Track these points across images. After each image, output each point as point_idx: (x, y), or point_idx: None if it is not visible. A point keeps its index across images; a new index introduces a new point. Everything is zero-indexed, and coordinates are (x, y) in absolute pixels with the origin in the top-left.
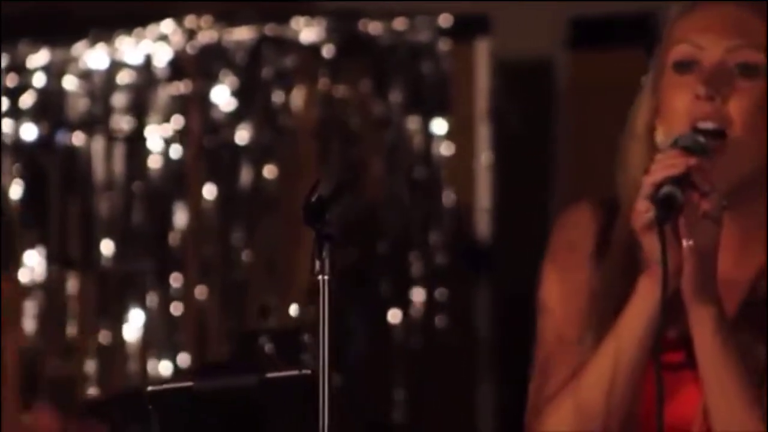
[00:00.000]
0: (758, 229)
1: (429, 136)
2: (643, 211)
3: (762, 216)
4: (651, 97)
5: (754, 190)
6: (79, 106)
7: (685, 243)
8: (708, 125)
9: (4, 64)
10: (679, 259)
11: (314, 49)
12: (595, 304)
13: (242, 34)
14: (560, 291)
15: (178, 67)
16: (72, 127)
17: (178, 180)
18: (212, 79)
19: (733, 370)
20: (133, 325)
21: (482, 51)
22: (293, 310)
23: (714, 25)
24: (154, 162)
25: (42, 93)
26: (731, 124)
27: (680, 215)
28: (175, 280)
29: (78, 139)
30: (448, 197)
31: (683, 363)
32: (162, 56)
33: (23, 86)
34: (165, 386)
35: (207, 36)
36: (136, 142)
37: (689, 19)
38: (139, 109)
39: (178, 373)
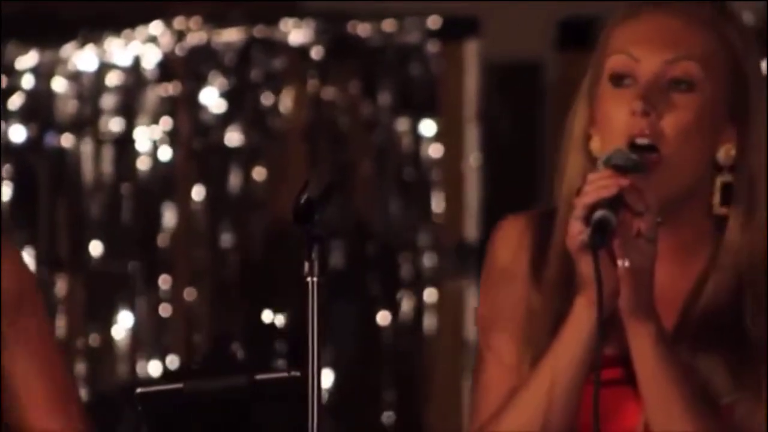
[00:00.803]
0: (694, 242)
1: (418, 138)
2: (576, 233)
3: (698, 229)
4: (586, 104)
5: (690, 204)
6: (68, 107)
7: (620, 263)
8: (642, 141)
9: None
10: (615, 279)
11: (303, 50)
12: (533, 322)
13: (231, 35)
14: (497, 311)
15: (167, 69)
16: (61, 129)
17: (167, 181)
18: (201, 81)
19: (673, 386)
20: (122, 326)
21: (471, 52)
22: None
23: (652, 37)
24: (142, 163)
25: (31, 94)
26: (666, 140)
27: (614, 237)
28: (164, 281)
29: (67, 140)
30: (437, 198)
31: (621, 379)
32: (151, 58)
33: (12, 88)
34: (154, 388)
35: (196, 37)
36: (125, 144)
37: (627, 29)
38: (128, 111)
39: (168, 374)
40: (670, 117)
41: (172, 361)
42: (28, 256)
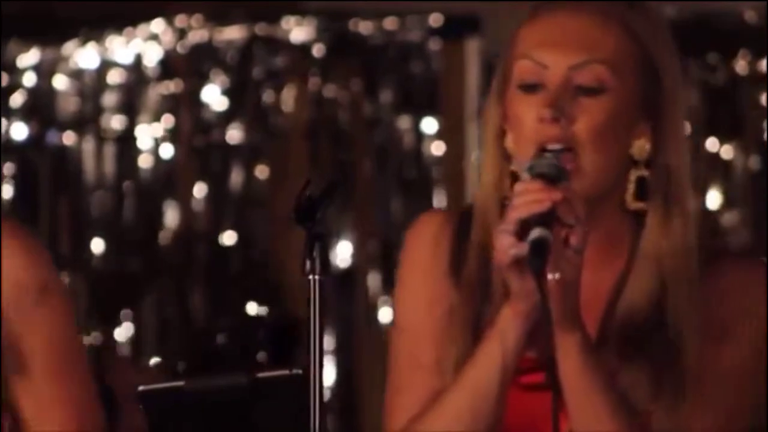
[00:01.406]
0: (613, 240)
1: (419, 136)
2: (506, 247)
3: (616, 226)
4: (498, 102)
5: (606, 201)
6: (70, 105)
7: (550, 276)
8: (554, 147)
9: None
10: (536, 294)
11: (305, 48)
12: (452, 320)
13: (233, 33)
14: (413, 310)
15: (168, 67)
16: (62, 127)
17: (169, 179)
18: (203, 79)
19: (598, 395)
20: (124, 323)
21: (473, 50)
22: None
23: (557, 40)
24: (144, 161)
25: (32, 92)
26: (579, 144)
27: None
28: (166, 278)
29: (68, 138)
30: (439, 196)
31: (544, 384)
32: (152, 56)
33: (13, 86)
34: (156, 386)
35: (197, 35)
36: (126, 142)
37: (532, 31)
38: (130, 109)
39: (169, 372)
40: (581, 121)
41: (174, 359)
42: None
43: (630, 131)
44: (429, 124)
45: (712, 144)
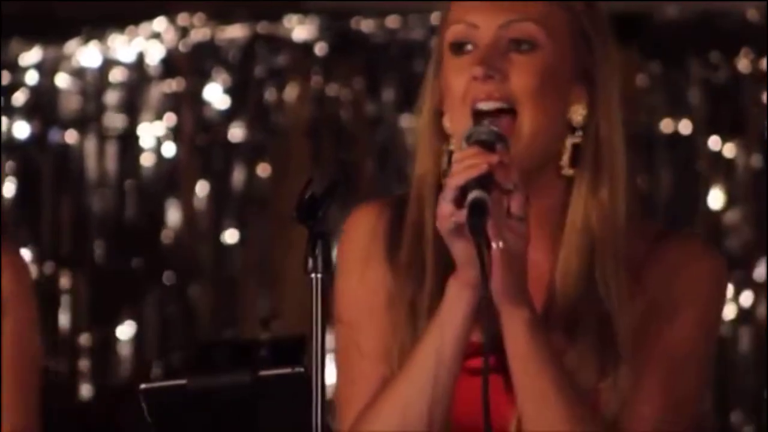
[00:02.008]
0: (553, 209)
1: None
2: (447, 214)
3: (555, 194)
4: (433, 82)
5: (545, 169)
6: (72, 104)
7: (494, 246)
8: (487, 106)
9: None
10: (486, 262)
11: (307, 47)
12: (392, 307)
13: (235, 32)
14: (354, 302)
15: (170, 65)
16: (64, 125)
17: (171, 178)
18: (205, 77)
19: (546, 373)
20: (126, 322)
21: None
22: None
23: (487, 3)
24: (146, 160)
25: (34, 91)
26: (516, 100)
27: (489, 218)
28: (167, 277)
29: (70, 136)
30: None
31: (493, 367)
32: (154, 54)
33: (16, 84)
34: (158, 384)
35: (200, 34)
36: (128, 140)
37: (461, 1)
38: (132, 107)
39: (171, 370)
40: (515, 78)
41: (176, 357)
42: (31, 253)
43: (566, 94)
44: None
45: (714, 142)
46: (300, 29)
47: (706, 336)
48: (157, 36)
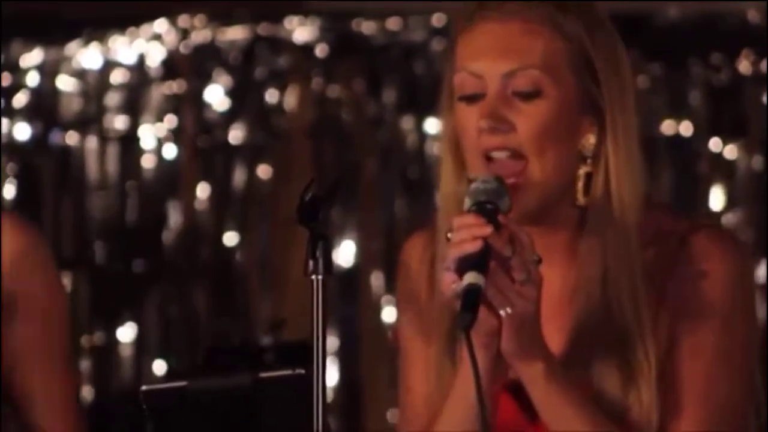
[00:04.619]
0: (572, 239)
1: (423, 136)
2: (449, 282)
3: (572, 224)
4: (448, 115)
5: (561, 201)
6: (73, 105)
7: (502, 312)
8: (500, 154)
9: None
10: (497, 323)
11: (308, 48)
12: (430, 344)
13: (236, 33)
14: (404, 336)
15: (171, 67)
16: (65, 127)
17: (172, 180)
18: (206, 79)
19: (575, 414)
20: (127, 324)
21: None
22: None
23: (488, 49)
24: (147, 162)
25: (35, 92)
26: (525, 150)
27: (487, 290)
28: (169, 279)
29: (71, 138)
30: None
31: (507, 387)
32: (155, 56)
33: (16, 86)
34: (159, 386)
35: (200, 35)
36: (129, 142)
37: (465, 43)
38: (133, 109)
39: (172, 372)
40: (522, 127)
41: (177, 360)
42: None
43: (576, 130)
44: (432, 125)
45: (715, 144)
46: (301, 31)
47: (740, 342)
48: (157, 38)
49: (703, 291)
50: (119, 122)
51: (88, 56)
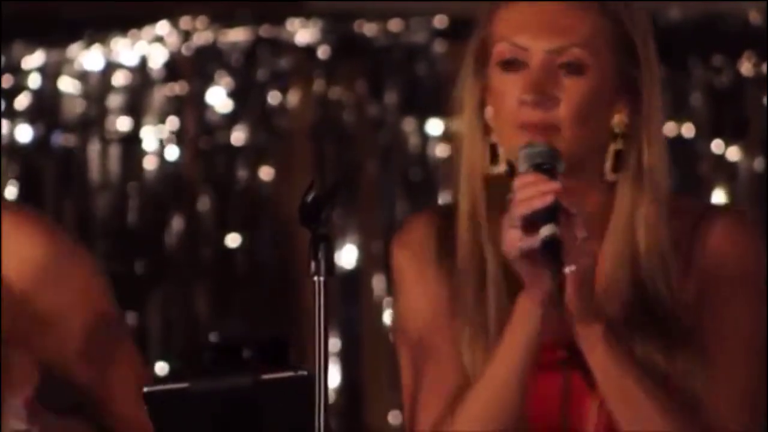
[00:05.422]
0: (597, 216)
1: (424, 137)
2: (514, 241)
3: (601, 205)
4: (476, 78)
5: (590, 181)
6: (75, 107)
7: (567, 269)
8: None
9: None
10: (551, 282)
11: (309, 50)
12: (454, 311)
13: (237, 35)
14: (418, 312)
15: (173, 69)
16: (67, 129)
17: (174, 181)
18: (207, 81)
19: (632, 378)
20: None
21: None
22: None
23: (535, 25)
24: (149, 163)
25: (37, 94)
26: (562, 123)
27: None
28: (170, 281)
29: (73, 140)
30: (444, 198)
31: (565, 361)
32: (157, 58)
33: (18, 88)
34: (160, 387)
35: (202, 37)
36: (131, 144)
37: (509, 15)
38: (135, 111)
39: (174, 374)
40: (565, 102)
41: (179, 361)
42: None
43: (610, 107)
44: (434, 126)
45: (716, 146)
46: (303, 32)
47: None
48: (159, 39)
49: (727, 266)
50: (121, 124)
51: (89, 58)
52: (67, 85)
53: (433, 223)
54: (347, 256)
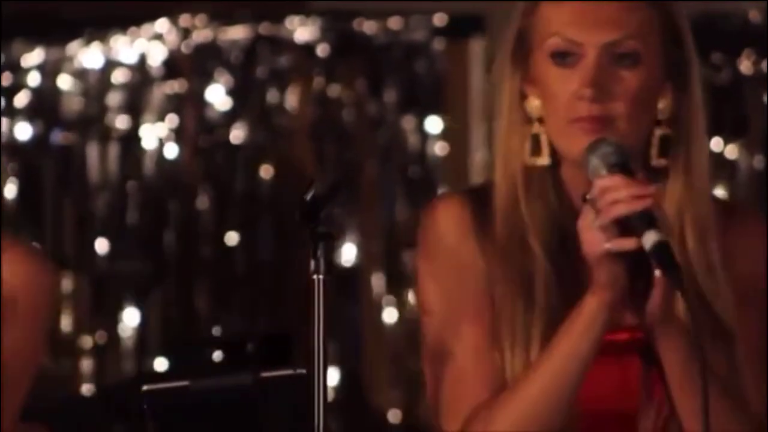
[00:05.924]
0: None
1: (424, 135)
2: (599, 240)
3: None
4: (516, 67)
5: (636, 166)
6: (74, 105)
7: (657, 273)
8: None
9: None
10: (623, 281)
11: (309, 48)
12: (494, 303)
13: (237, 33)
14: (456, 298)
15: (172, 67)
16: (67, 127)
17: (173, 179)
18: (207, 79)
19: (709, 393)
20: (128, 324)
21: (477, 50)
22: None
23: (589, 19)
24: (148, 161)
25: (37, 92)
26: (619, 119)
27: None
28: (170, 279)
29: (72, 138)
30: None
31: (629, 343)
32: (157, 55)
33: (18, 85)
34: (161, 385)
35: (202, 35)
36: (130, 142)
37: (557, 10)
38: (134, 109)
39: (173, 372)
40: (620, 96)
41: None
42: None
43: (658, 94)
44: (433, 124)
45: (716, 144)
46: (302, 30)
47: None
48: (159, 37)
49: (750, 261)
50: (120, 122)
51: (89, 56)
52: (66, 83)
53: (466, 204)
54: (346, 255)
